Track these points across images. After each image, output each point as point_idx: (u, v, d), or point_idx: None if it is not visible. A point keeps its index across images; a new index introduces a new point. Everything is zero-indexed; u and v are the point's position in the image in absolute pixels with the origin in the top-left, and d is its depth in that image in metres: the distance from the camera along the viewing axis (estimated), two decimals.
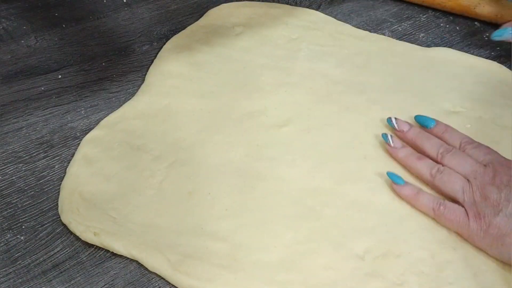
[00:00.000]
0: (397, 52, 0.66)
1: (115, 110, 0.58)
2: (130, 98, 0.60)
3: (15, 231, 0.48)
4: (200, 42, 0.66)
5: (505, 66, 0.64)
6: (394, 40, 0.68)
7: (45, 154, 0.55)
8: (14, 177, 0.52)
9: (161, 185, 0.51)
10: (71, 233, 0.48)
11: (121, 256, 0.47)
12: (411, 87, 0.61)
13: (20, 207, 0.50)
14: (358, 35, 0.68)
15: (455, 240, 0.47)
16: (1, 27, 0.69)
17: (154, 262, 0.46)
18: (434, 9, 0.73)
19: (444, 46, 0.67)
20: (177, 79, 0.61)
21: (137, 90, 0.61)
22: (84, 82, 0.62)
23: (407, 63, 0.64)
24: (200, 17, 0.71)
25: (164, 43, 0.67)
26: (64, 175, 0.52)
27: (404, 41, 0.68)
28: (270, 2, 0.74)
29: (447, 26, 0.71)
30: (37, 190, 0.51)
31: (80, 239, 0.48)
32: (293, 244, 0.47)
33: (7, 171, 0.53)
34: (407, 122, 0.55)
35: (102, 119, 0.57)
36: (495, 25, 0.69)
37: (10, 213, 0.50)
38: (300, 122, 0.57)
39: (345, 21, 0.71)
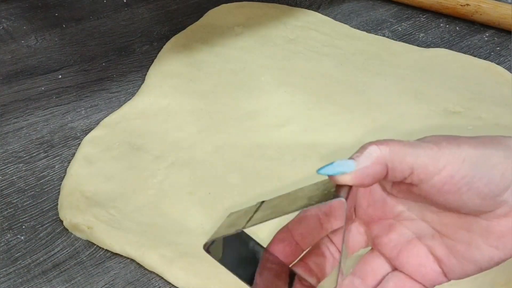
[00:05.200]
0: (395, 53, 0.66)
1: (115, 110, 0.58)
2: (130, 98, 0.60)
3: (15, 231, 0.48)
4: (200, 42, 0.66)
5: (504, 66, 0.64)
6: (393, 40, 0.68)
7: (45, 154, 0.54)
8: (14, 177, 0.52)
9: (161, 185, 0.51)
10: (71, 233, 0.48)
11: (121, 256, 0.47)
12: (410, 88, 0.61)
13: (20, 207, 0.50)
14: (357, 36, 0.68)
15: None
16: (1, 27, 0.69)
17: (151, 259, 0.46)
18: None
19: (444, 46, 0.67)
20: (177, 79, 0.61)
21: (137, 90, 0.61)
22: (84, 82, 0.62)
23: (406, 63, 0.64)
24: (200, 17, 0.71)
25: (164, 43, 0.67)
26: (64, 175, 0.52)
27: (404, 41, 0.68)
28: (270, 2, 0.74)
29: (447, 26, 0.71)
30: (37, 190, 0.51)
31: (80, 239, 0.48)
32: None
33: (7, 171, 0.53)
34: None
35: (102, 119, 0.57)
36: (495, 26, 0.69)
37: (10, 213, 0.50)
38: (300, 122, 0.57)
39: (345, 21, 0.71)
